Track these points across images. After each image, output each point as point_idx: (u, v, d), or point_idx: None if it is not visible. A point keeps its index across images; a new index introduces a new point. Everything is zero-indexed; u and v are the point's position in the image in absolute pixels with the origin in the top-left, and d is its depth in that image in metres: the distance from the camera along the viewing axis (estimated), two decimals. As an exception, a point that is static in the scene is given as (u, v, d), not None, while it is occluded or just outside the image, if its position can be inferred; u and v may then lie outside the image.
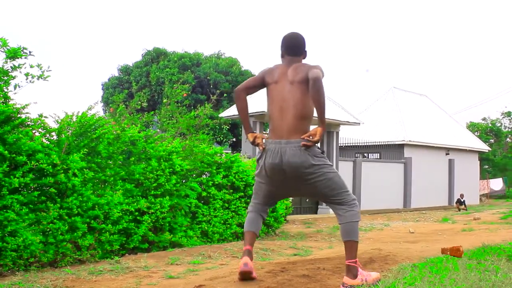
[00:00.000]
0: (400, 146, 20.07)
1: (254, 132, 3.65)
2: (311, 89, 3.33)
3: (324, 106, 3.34)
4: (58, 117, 5.44)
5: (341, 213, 3.49)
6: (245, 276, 3.60)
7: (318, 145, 3.51)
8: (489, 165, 38.80)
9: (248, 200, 7.80)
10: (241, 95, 3.68)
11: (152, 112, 8.38)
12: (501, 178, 32.87)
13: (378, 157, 20.36)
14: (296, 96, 3.47)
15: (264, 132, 13.93)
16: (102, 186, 5.65)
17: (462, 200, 19.40)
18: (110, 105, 10.39)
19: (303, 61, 3.75)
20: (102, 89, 25.39)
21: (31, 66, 4.95)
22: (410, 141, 19.94)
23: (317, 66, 3.53)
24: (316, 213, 15.31)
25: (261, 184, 3.64)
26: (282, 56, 3.74)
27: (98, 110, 25.32)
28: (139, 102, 8.11)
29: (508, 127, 44.47)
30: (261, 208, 3.77)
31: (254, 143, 3.61)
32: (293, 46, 3.70)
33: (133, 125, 6.47)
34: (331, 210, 14.42)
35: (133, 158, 6.03)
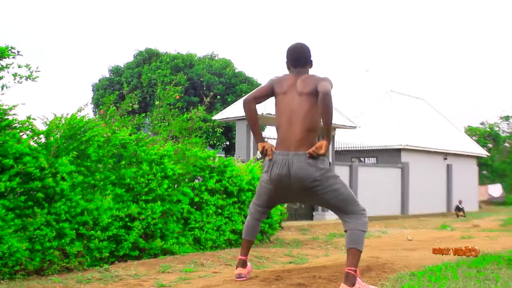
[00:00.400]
0: (397, 151, 20.12)
1: (264, 142, 3.78)
2: (321, 102, 3.43)
3: (331, 120, 3.48)
4: (47, 119, 5.39)
5: (347, 221, 3.65)
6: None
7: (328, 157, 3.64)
8: (488, 171, 39.00)
9: (242, 205, 7.78)
10: (250, 106, 3.79)
11: (143, 114, 8.34)
12: (499, 184, 33.03)
13: (375, 162, 20.40)
14: (304, 108, 3.58)
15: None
16: (92, 190, 5.60)
17: (460, 207, 19.48)
18: (101, 106, 10.37)
19: (311, 70, 3.87)
20: (92, 90, 25.32)
21: (19, 66, 4.92)
22: (407, 145, 19.99)
23: (326, 78, 3.65)
24: (312, 219, 15.30)
25: (265, 189, 3.81)
26: (289, 68, 3.85)
27: (88, 112, 25.24)
28: (130, 104, 8.05)
29: (507, 132, 44.72)
30: (261, 211, 4.00)
31: (262, 153, 3.74)
32: (299, 58, 3.83)
33: (124, 128, 6.43)
34: (327, 217, 14.44)
35: (123, 162, 5.99)
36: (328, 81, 3.60)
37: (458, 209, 19.44)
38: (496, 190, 31.56)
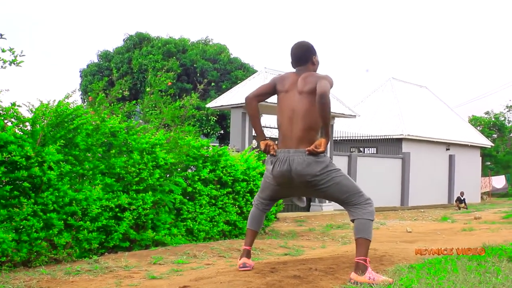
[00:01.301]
0: (398, 140, 20.17)
1: (267, 140, 3.96)
2: (317, 103, 3.61)
3: (329, 120, 3.66)
4: (33, 106, 5.39)
5: (353, 211, 3.82)
6: None
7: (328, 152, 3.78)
8: (492, 162, 39.09)
9: (236, 196, 7.82)
10: (251, 103, 3.96)
11: (134, 102, 8.30)
12: (503, 176, 33.15)
13: (375, 152, 20.43)
14: (304, 107, 3.77)
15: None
16: (80, 180, 5.62)
17: (462, 198, 19.56)
18: (89, 93, 10.34)
19: (318, 68, 4.07)
20: (80, 76, 25.26)
21: (3, 51, 4.90)
22: (408, 135, 20.03)
23: (326, 76, 3.80)
24: (308, 210, 15.36)
25: (269, 185, 4.03)
26: (293, 66, 4.06)
27: (76, 98, 25.19)
28: (120, 91, 8.03)
29: (512, 122, 44.77)
30: (266, 203, 4.22)
31: (266, 151, 3.92)
32: (297, 57, 4.02)
33: (114, 116, 6.43)
34: (324, 208, 14.48)
35: (113, 151, 6.00)
36: (327, 79, 3.75)
37: (460, 200, 19.53)
38: (499, 181, 31.69)
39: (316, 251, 6.29)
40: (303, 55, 4.01)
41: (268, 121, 14.62)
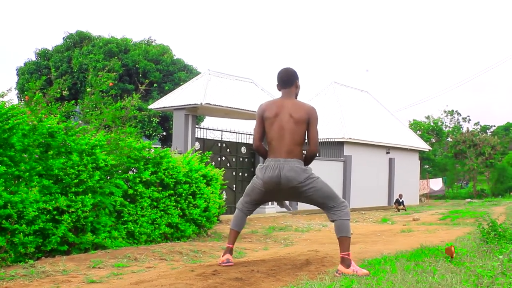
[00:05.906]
0: (340, 144, 20.57)
1: None
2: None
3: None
4: (-35, 104, 5.21)
5: (332, 213, 4.44)
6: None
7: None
8: (430, 165, 40.52)
9: (178, 198, 7.79)
10: (259, 148, 4.60)
11: (73, 102, 8.15)
12: (441, 178, 34.41)
13: (317, 155, 20.75)
14: (293, 128, 4.41)
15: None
16: (16, 182, 5.47)
17: (401, 201, 20.12)
18: (26, 92, 10.06)
19: (299, 91, 4.66)
20: (17, 74, 24.53)
21: None
22: (350, 138, 20.46)
23: (313, 109, 4.47)
24: (251, 213, 15.42)
25: (257, 190, 4.59)
26: (279, 89, 4.64)
27: (12, 97, 24.47)
28: (59, 90, 7.86)
29: (449, 126, 46.58)
30: (249, 207, 4.78)
31: None
32: (284, 80, 4.60)
33: (52, 116, 6.28)
34: (266, 210, 14.58)
35: (51, 152, 5.87)
36: (315, 117, 4.45)
37: (399, 202, 20.08)
38: (437, 184, 32.85)
39: (258, 253, 6.34)
40: (289, 79, 4.59)
41: (210, 123, 14.57)
